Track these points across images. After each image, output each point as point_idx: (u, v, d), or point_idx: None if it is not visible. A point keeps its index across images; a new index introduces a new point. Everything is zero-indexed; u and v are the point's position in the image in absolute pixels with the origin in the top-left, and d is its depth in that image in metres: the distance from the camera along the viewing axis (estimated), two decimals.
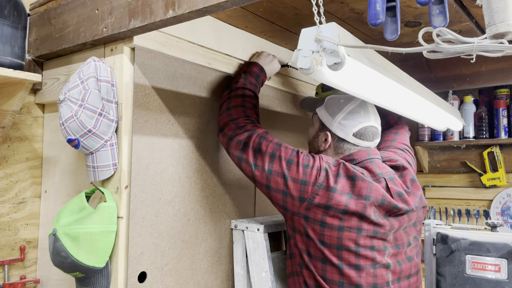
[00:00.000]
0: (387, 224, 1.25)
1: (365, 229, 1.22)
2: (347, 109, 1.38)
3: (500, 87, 2.39)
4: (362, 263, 1.21)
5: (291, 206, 1.26)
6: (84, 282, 1.15)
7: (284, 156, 1.27)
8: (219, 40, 1.42)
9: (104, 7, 1.15)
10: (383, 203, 1.24)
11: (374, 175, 1.30)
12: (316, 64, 0.87)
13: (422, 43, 0.74)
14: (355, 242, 1.21)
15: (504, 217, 2.43)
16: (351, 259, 1.21)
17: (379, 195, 1.24)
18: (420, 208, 1.37)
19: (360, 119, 1.36)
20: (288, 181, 1.24)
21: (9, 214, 1.40)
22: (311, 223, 1.23)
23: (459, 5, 1.25)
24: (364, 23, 1.47)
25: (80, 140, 1.14)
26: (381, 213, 1.25)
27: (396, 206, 1.26)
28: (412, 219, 1.34)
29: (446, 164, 2.62)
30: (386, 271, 1.24)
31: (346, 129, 1.37)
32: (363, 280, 1.21)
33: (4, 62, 1.17)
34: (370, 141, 1.38)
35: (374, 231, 1.23)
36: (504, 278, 1.50)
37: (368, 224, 1.22)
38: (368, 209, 1.22)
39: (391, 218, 1.27)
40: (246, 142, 1.30)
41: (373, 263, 1.22)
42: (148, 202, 1.23)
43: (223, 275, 1.51)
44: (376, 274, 1.22)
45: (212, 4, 0.91)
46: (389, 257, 1.26)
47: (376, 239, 1.24)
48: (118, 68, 1.19)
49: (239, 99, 1.38)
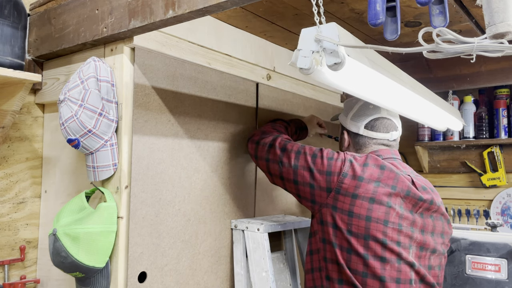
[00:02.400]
0: (410, 218, 1.26)
1: (391, 221, 1.23)
2: (357, 106, 1.47)
3: (500, 87, 2.39)
4: (388, 256, 1.22)
5: (319, 198, 1.29)
6: (84, 282, 1.15)
7: (309, 152, 1.34)
8: (219, 40, 1.42)
9: (104, 7, 1.15)
10: (408, 194, 1.26)
11: (400, 170, 1.32)
12: (316, 64, 0.87)
13: (422, 43, 0.74)
14: (383, 233, 1.22)
15: (504, 217, 2.43)
16: (378, 250, 1.22)
17: (405, 186, 1.26)
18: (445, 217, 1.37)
19: (369, 112, 1.43)
20: (314, 173, 1.30)
21: (9, 214, 1.40)
22: (339, 213, 1.25)
23: (459, 5, 1.25)
24: (364, 23, 1.47)
25: (80, 140, 1.14)
26: (407, 206, 1.27)
27: (421, 197, 1.28)
28: (438, 225, 1.34)
29: (446, 164, 2.61)
30: (410, 269, 1.25)
31: (357, 123, 1.44)
32: (387, 273, 1.21)
33: (4, 62, 1.17)
34: (385, 133, 1.41)
35: (399, 224, 1.24)
36: (504, 278, 1.50)
37: (394, 216, 1.23)
38: (393, 198, 1.24)
39: (416, 215, 1.28)
40: (271, 143, 1.41)
41: (398, 258, 1.23)
42: (148, 202, 1.23)
43: (223, 275, 1.51)
44: (401, 270, 1.23)
45: (212, 4, 0.91)
46: (413, 257, 1.26)
47: (403, 235, 1.24)
48: (118, 68, 1.19)
49: (270, 123, 1.59)
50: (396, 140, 1.46)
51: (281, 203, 1.82)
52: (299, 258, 1.81)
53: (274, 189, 1.78)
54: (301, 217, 1.75)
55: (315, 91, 1.99)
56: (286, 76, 1.77)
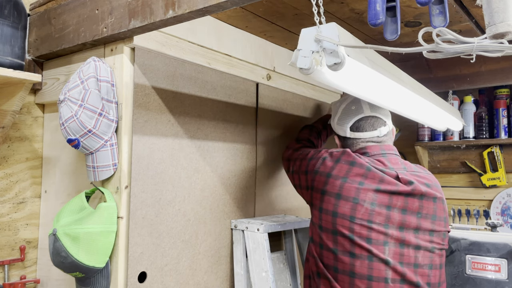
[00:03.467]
0: (384, 214, 1.24)
1: (358, 217, 1.23)
2: (340, 109, 1.49)
3: (500, 87, 2.39)
4: (357, 252, 1.22)
5: (307, 197, 1.39)
6: (84, 282, 1.15)
7: (303, 157, 1.44)
8: (219, 40, 1.42)
9: (104, 7, 1.15)
10: (379, 189, 1.25)
11: (386, 167, 1.31)
12: (316, 64, 0.87)
13: (422, 43, 0.74)
14: (349, 229, 1.23)
15: (504, 217, 2.43)
16: (346, 245, 1.23)
17: (375, 181, 1.26)
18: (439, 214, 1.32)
19: (352, 114, 1.45)
20: (300, 175, 1.42)
21: (9, 214, 1.40)
22: (314, 209, 1.33)
23: (459, 5, 1.25)
24: (364, 23, 1.47)
25: (80, 140, 1.14)
26: (382, 201, 1.24)
27: (398, 192, 1.25)
28: (425, 223, 1.28)
29: (446, 164, 2.61)
30: (385, 267, 1.22)
31: (342, 127, 1.46)
32: (357, 269, 1.22)
33: (4, 62, 1.17)
34: (372, 131, 1.41)
35: (369, 221, 1.23)
36: (504, 278, 1.50)
37: (362, 212, 1.23)
38: (362, 194, 1.24)
39: (393, 211, 1.25)
40: (284, 157, 1.58)
41: (370, 255, 1.22)
42: (148, 202, 1.23)
43: (223, 275, 1.51)
44: (373, 267, 1.22)
45: (212, 4, 0.91)
46: (390, 255, 1.23)
47: (375, 232, 1.23)
48: (118, 68, 1.19)
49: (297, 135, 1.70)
50: (387, 135, 1.44)
51: (281, 203, 1.82)
52: (299, 258, 1.81)
53: (274, 189, 1.78)
54: (301, 217, 1.75)
55: (315, 91, 1.99)
56: (286, 76, 1.77)
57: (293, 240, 1.76)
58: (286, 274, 1.72)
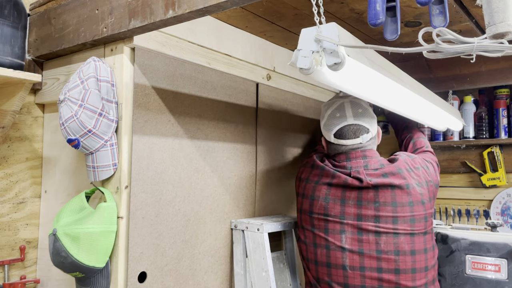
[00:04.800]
0: (338, 208, 1.37)
1: (316, 212, 1.42)
2: (326, 114, 1.54)
3: (500, 87, 2.39)
4: (318, 242, 1.41)
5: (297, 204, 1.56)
6: (84, 282, 1.15)
7: (300, 164, 1.61)
8: (219, 40, 1.42)
9: (104, 7, 1.15)
10: (331, 182, 1.41)
11: (344, 168, 1.44)
12: (316, 64, 0.87)
13: (422, 43, 0.74)
14: (310, 222, 1.43)
15: (504, 217, 2.43)
16: (310, 237, 1.43)
17: (328, 177, 1.43)
18: (402, 199, 1.35)
19: (336, 121, 1.50)
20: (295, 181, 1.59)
21: (9, 214, 1.40)
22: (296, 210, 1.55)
23: (459, 5, 1.25)
24: (364, 23, 1.47)
25: (80, 140, 1.14)
26: (335, 196, 1.38)
27: (345, 184, 1.39)
28: (383, 212, 1.34)
29: (446, 164, 2.61)
30: (342, 254, 1.34)
31: (328, 132, 1.52)
32: (318, 257, 1.40)
33: (4, 62, 1.17)
34: (353, 138, 1.48)
35: (325, 214, 1.40)
36: (504, 278, 1.50)
37: (318, 207, 1.41)
38: (317, 191, 1.43)
39: (348, 203, 1.37)
40: None
41: (327, 244, 1.38)
42: (148, 202, 1.23)
43: (223, 275, 1.51)
44: (330, 255, 1.37)
45: (212, 4, 0.91)
46: (348, 243, 1.34)
47: (331, 222, 1.38)
48: (118, 68, 1.19)
49: None
50: (370, 140, 1.50)
51: (281, 203, 1.82)
52: (299, 258, 1.81)
53: (274, 189, 1.78)
54: None
55: (315, 91, 1.99)
56: (286, 76, 1.77)
57: (293, 240, 1.76)
58: (286, 274, 1.72)
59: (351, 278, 1.33)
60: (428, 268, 1.35)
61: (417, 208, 1.36)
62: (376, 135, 1.54)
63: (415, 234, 1.34)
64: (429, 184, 1.42)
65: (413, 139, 1.74)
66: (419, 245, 1.34)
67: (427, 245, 1.36)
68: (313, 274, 1.43)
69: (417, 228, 1.35)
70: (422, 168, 1.45)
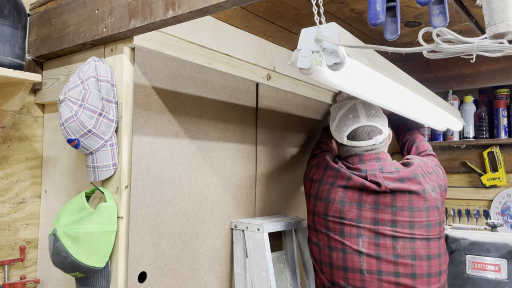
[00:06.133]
0: (354, 211, 1.35)
1: (331, 214, 1.38)
2: (338, 116, 1.52)
3: (500, 87, 2.39)
4: (333, 245, 1.37)
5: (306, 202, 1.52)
6: (84, 282, 1.15)
7: (308, 166, 1.58)
8: (219, 40, 1.42)
9: (104, 7, 1.15)
10: (347, 185, 1.38)
11: (359, 170, 1.41)
12: (316, 64, 0.87)
13: (422, 43, 0.74)
14: (325, 225, 1.40)
15: (504, 217, 2.43)
16: (324, 240, 1.40)
17: (344, 180, 1.40)
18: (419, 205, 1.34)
19: (349, 123, 1.48)
20: (304, 182, 1.56)
21: (9, 214, 1.40)
22: (307, 211, 1.50)
23: (459, 5, 1.25)
24: (364, 23, 1.47)
25: (80, 140, 1.14)
26: (352, 199, 1.36)
27: (362, 187, 1.36)
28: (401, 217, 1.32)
29: (446, 164, 2.61)
30: (359, 258, 1.32)
31: (340, 134, 1.50)
32: (334, 261, 1.37)
33: (4, 62, 1.17)
34: (367, 140, 1.45)
35: (341, 217, 1.36)
36: (504, 278, 1.50)
37: (334, 210, 1.38)
38: (332, 194, 1.39)
39: (365, 207, 1.35)
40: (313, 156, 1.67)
41: (343, 248, 1.35)
42: (148, 202, 1.23)
43: (223, 275, 1.51)
44: (346, 259, 1.34)
45: (212, 4, 0.91)
46: (365, 246, 1.32)
47: (348, 226, 1.35)
48: (118, 68, 1.19)
49: None
50: (383, 142, 1.48)
51: (281, 203, 1.82)
52: (299, 258, 1.81)
53: (274, 189, 1.78)
54: (301, 217, 1.75)
55: (315, 91, 1.99)
56: (286, 76, 1.77)
57: (293, 240, 1.76)
58: (286, 274, 1.72)
59: (368, 282, 1.31)
60: (441, 272, 1.36)
61: (433, 213, 1.36)
62: (387, 136, 1.52)
63: (431, 239, 1.34)
64: (441, 188, 1.43)
65: (415, 142, 1.73)
66: (434, 250, 1.34)
67: (441, 250, 1.37)
68: (328, 277, 1.39)
69: (433, 233, 1.35)
70: (434, 173, 1.45)
